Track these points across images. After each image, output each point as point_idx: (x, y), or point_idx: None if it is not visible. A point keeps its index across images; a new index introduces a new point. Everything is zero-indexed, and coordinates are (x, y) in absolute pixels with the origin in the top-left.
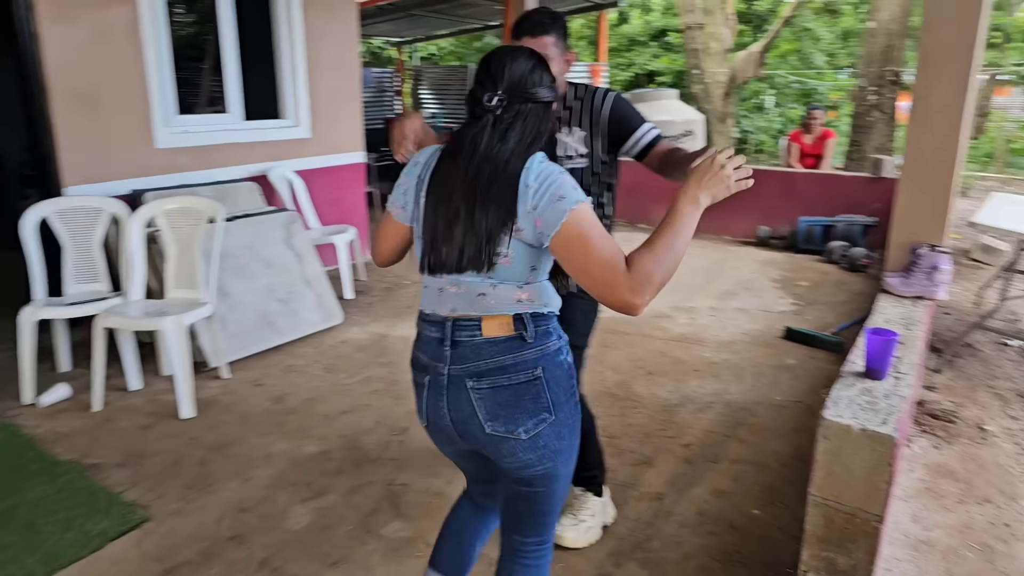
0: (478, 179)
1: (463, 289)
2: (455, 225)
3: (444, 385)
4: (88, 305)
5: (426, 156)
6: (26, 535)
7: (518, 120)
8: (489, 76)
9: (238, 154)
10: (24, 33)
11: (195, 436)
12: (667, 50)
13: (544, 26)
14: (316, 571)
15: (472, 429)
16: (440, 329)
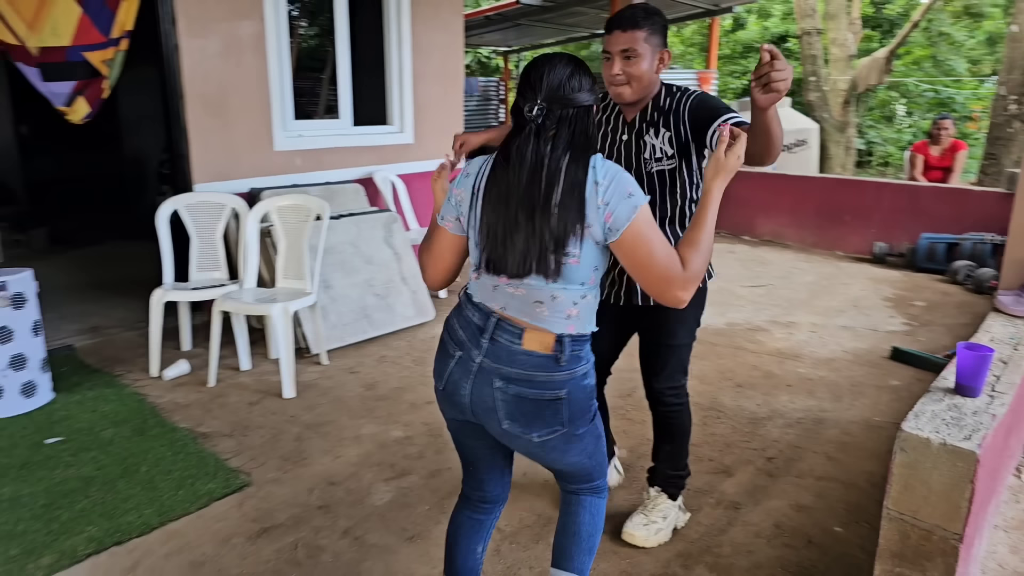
0: (535, 186)
1: (521, 292)
2: (516, 232)
3: (473, 371)
4: (208, 290)
5: (476, 167)
6: (145, 489)
7: (562, 126)
8: (529, 86)
9: (346, 157)
10: (167, 45)
11: (294, 414)
12: (787, 57)
13: (636, 21)
14: (393, 543)
15: (489, 420)
16: (484, 319)
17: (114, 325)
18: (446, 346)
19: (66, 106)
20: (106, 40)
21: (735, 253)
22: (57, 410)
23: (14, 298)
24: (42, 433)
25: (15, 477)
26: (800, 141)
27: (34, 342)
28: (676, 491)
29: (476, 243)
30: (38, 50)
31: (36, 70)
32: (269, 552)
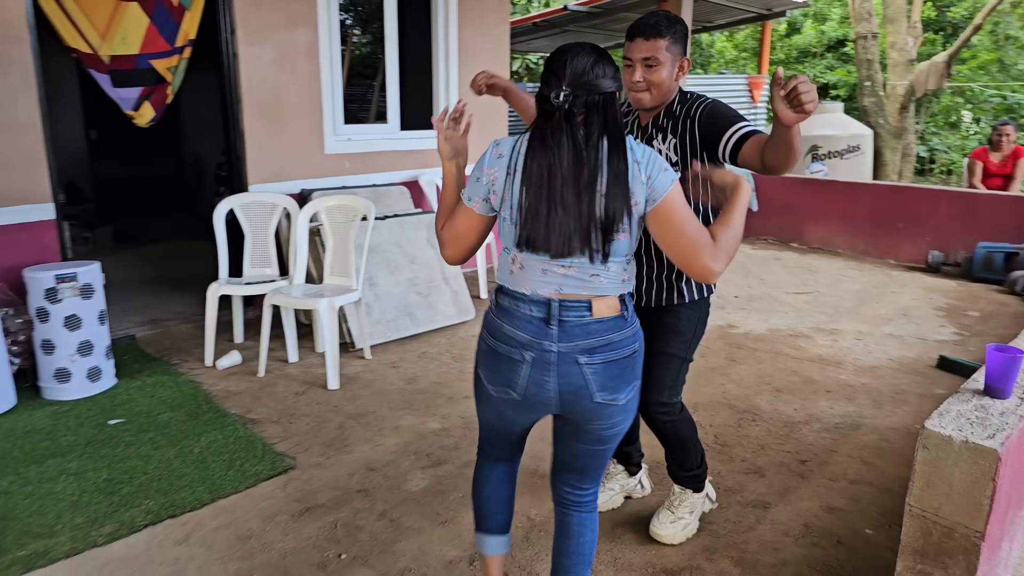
0: (579, 172)
1: (573, 270)
2: (562, 212)
3: (553, 362)
4: (260, 285)
5: (508, 147)
6: (198, 468)
7: (591, 113)
8: (553, 74)
9: (393, 161)
10: (227, 53)
11: (337, 405)
12: (845, 61)
13: (659, 29)
14: (427, 527)
15: (580, 399)
16: (544, 309)
17: (172, 317)
18: (508, 356)
19: (134, 111)
20: (171, 48)
21: (781, 260)
22: (119, 394)
23: (83, 288)
24: (105, 415)
25: (81, 453)
26: (853, 147)
27: (100, 330)
28: (698, 484)
29: (513, 221)
30: (109, 58)
31: (107, 77)
32: (311, 530)
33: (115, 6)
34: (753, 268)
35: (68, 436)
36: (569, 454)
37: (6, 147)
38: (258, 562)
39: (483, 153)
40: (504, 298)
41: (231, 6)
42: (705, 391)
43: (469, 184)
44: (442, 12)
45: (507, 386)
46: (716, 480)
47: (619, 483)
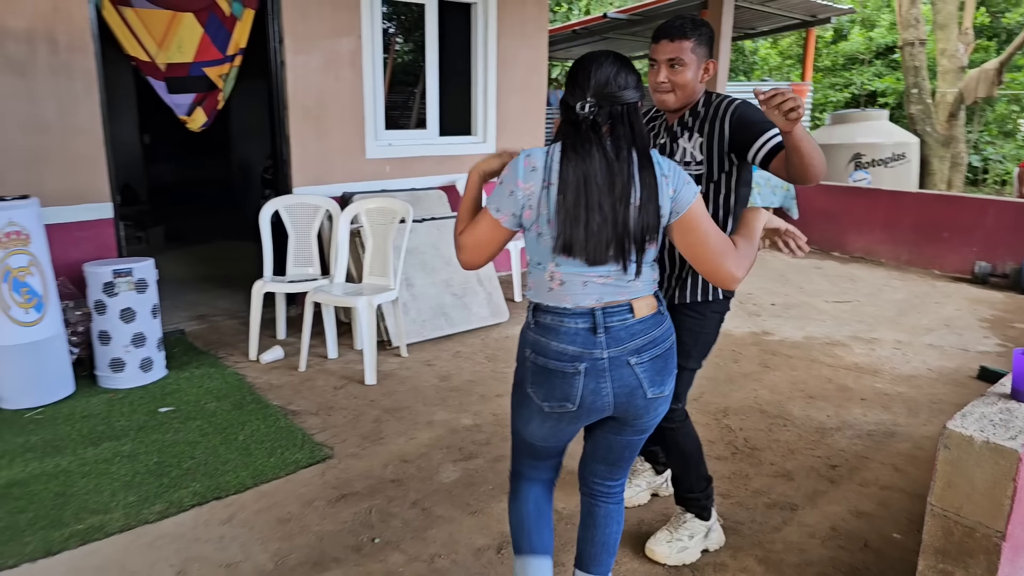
0: (614, 182)
1: (611, 279)
2: (599, 219)
3: (605, 368)
4: (302, 283)
5: (540, 160)
6: (242, 455)
7: (617, 123)
8: (577, 84)
9: (431, 166)
10: (275, 61)
11: (374, 399)
12: (894, 68)
13: (684, 31)
14: (457, 516)
15: (634, 399)
16: (588, 319)
17: (219, 314)
18: (560, 371)
19: (187, 115)
20: (223, 57)
21: (822, 269)
22: (169, 384)
23: (138, 283)
24: (156, 403)
25: (133, 438)
26: (898, 155)
27: (152, 323)
28: (702, 511)
29: (550, 235)
30: (165, 66)
31: (163, 83)
32: (346, 515)
33: (172, 17)
34: (792, 276)
35: (122, 421)
36: (605, 447)
37: (70, 149)
38: (296, 543)
39: (513, 165)
40: (544, 315)
41: (280, 16)
42: (737, 396)
43: (498, 196)
44: (482, 22)
45: (564, 400)
46: (743, 481)
47: (646, 480)
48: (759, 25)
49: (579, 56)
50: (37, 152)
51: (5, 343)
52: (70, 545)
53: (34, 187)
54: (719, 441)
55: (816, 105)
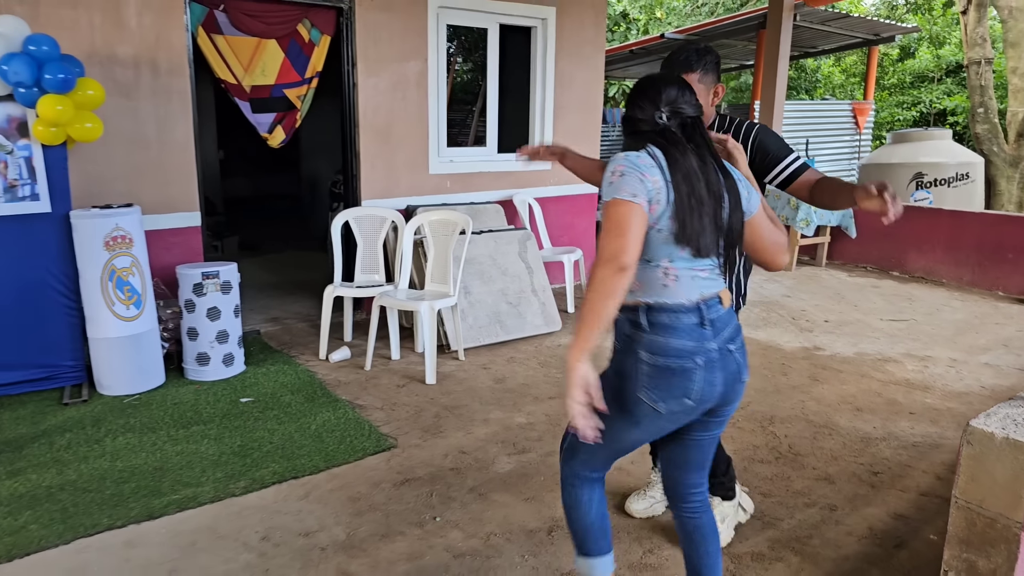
0: (710, 181)
1: (709, 274)
2: (704, 217)
3: (716, 359)
4: (369, 289)
5: (649, 158)
6: (315, 442)
7: (692, 132)
8: (649, 100)
9: (490, 181)
10: (348, 83)
11: (433, 397)
12: (965, 87)
13: (690, 63)
14: (511, 502)
15: (736, 384)
16: (696, 314)
17: (290, 317)
18: (680, 367)
19: (268, 133)
20: (301, 79)
21: (879, 288)
22: (248, 378)
23: (223, 285)
24: (237, 394)
25: (219, 424)
26: (962, 175)
27: (235, 322)
28: (725, 492)
29: (672, 230)
30: (250, 88)
31: (248, 104)
32: (410, 496)
33: (257, 43)
34: (848, 295)
35: (208, 409)
36: (695, 449)
37: (167, 163)
38: (366, 518)
39: (628, 161)
40: (659, 315)
41: (354, 42)
42: (784, 405)
43: (628, 184)
44: (541, 44)
45: (683, 396)
46: (784, 483)
47: (659, 491)
48: (820, 44)
49: (643, 76)
50: (138, 165)
51: (108, 335)
52: (168, 511)
53: (134, 196)
54: (763, 446)
55: (882, 123)
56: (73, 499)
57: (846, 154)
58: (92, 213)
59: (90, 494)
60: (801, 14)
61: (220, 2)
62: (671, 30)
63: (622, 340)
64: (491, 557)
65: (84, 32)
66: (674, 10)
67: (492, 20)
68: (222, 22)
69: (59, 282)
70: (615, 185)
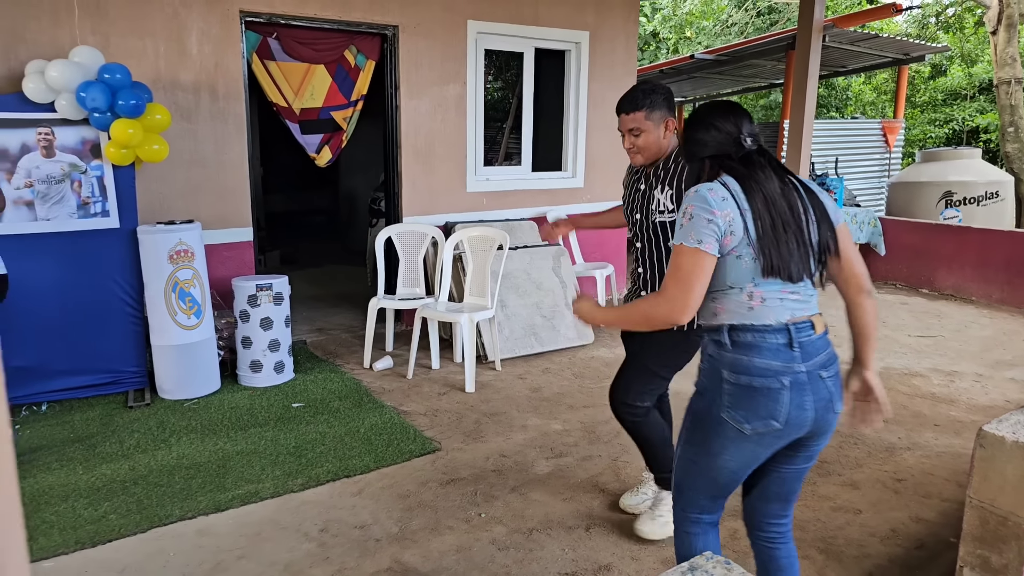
0: (792, 203)
1: (801, 296)
2: (794, 239)
3: (805, 382)
4: (411, 301)
5: (723, 190)
6: (364, 444)
7: (767, 155)
8: (712, 126)
9: (524, 199)
10: (391, 106)
11: (473, 405)
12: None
13: (636, 103)
14: (551, 501)
15: (828, 414)
16: (784, 335)
17: (334, 328)
18: (766, 387)
19: (316, 153)
20: (347, 102)
21: (908, 305)
22: (297, 385)
23: (275, 296)
24: (289, 399)
25: (274, 426)
26: (992, 194)
27: (285, 332)
28: None
29: (751, 256)
30: (300, 110)
31: (297, 125)
32: (455, 494)
33: (307, 68)
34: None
35: (262, 413)
36: (779, 482)
37: (224, 182)
38: (415, 513)
39: (699, 199)
40: (744, 335)
41: (397, 67)
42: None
43: (695, 229)
44: (575, 66)
45: (769, 418)
46: (810, 488)
47: (652, 489)
48: (849, 63)
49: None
50: (197, 184)
51: (170, 343)
52: (233, 505)
53: (193, 213)
54: None
55: (913, 141)
56: (146, 492)
57: (875, 172)
58: (157, 228)
59: (161, 488)
60: (830, 35)
61: (273, 30)
62: (701, 50)
63: (706, 360)
64: (533, 550)
65: (150, 60)
66: (704, 30)
67: (528, 44)
68: (275, 49)
69: (125, 293)
70: (684, 229)
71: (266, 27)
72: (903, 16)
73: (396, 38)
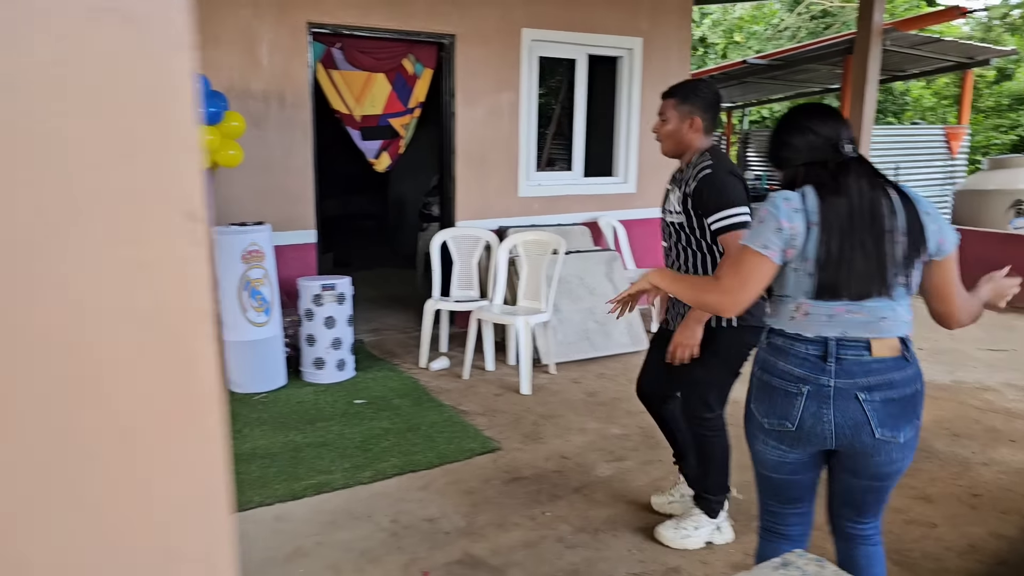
0: (877, 214)
1: (861, 315)
2: (862, 256)
3: (829, 396)
4: (466, 303)
5: (799, 201)
6: (426, 441)
7: (860, 164)
8: (834, 128)
9: (576, 204)
10: (446, 113)
11: (529, 407)
12: None
13: (673, 90)
14: (614, 503)
15: (860, 434)
16: (821, 347)
17: (389, 328)
18: (783, 389)
19: (375, 159)
20: (405, 109)
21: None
22: (359, 382)
23: (338, 296)
24: (351, 396)
25: (339, 422)
26: None
27: (347, 330)
28: (709, 509)
29: (808, 272)
30: (360, 117)
31: (358, 132)
32: (519, 493)
33: (367, 77)
34: None
35: (327, 408)
36: (845, 489)
37: (290, 186)
38: (481, 509)
39: (772, 205)
40: (777, 338)
41: (453, 75)
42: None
43: (763, 234)
44: (627, 73)
45: (782, 418)
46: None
47: (680, 491)
48: (910, 67)
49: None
50: (266, 188)
51: (241, 339)
52: (307, 494)
53: (262, 215)
54: None
55: (977, 148)
56: None
57: (938, 180)
58: (231, 230)
59: (240, 475)
60: (891, 39)
61: (337, 40)
62: (754, 55)
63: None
64: (601, 550)
65: (225, 70)
66: (754, 34)
67: (581, 52)
68: (338, 58)
69: None
70: (754, 231)
71: (331, 37)
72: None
73: (453, 47)
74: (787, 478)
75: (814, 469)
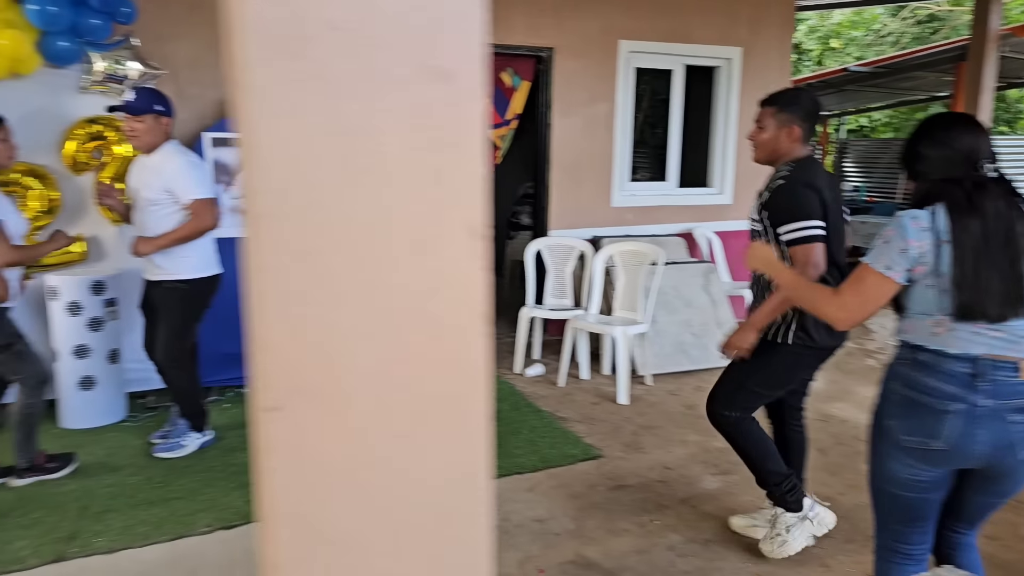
0: (1012, 236)
1: (1004, 334)
2: (998, 278)
3: (980, 416)
4: (562, 312)
5: (928, 220)
6: (528, 444)
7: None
8: (974, 142)
9: (670, 214)
10: (542, 124)
11: (628, 417)
12: None
13: (773, 98)
14: (723, 516)
15: (1007, 456)
16: (971, 366)
17: None
18: (931, 406)
19: None
20: (502, 121)
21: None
22: None
23: None
24: None
25: None
26: None
27: None
28: (786, 503)
29: (941, 289)
30: None
31: None
32: (625, 499)
33: None
34: None
35: None
36: (966, 504)
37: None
38: (589, 513)
39: (899, 226)
40: (923, 354)
41: (550, 87)
42: None
43: (886, 254)
44: (725, 82)
45: (928, 436)
46: (1010, 529)
47: (763, 517)
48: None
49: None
50: None
51: None
52: None
53: None
54: None
55: None
56: None
57: None
58: None
59: None
60: (1010, 45)
61: None
62: (853, 62)
63: (889, 368)
64: (713, 560)
65: None
66: (853, 40)
67: (678, 62)
68: None
69: None
70: (877, 251)
71: None
72: None
73: (550, 59)
74: (919, 496)
75: (945, 487)
